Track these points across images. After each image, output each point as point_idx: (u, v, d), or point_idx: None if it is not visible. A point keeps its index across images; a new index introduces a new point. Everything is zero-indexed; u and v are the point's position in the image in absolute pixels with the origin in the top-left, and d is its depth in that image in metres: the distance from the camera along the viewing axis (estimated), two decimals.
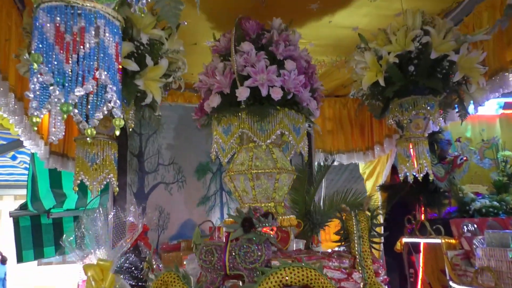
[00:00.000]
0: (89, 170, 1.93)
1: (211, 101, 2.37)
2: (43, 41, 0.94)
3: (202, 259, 1.84)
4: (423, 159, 2.54)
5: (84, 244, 1.86)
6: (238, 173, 2.42)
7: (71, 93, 0.91)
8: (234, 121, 2.37)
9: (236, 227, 1.83)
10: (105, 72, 0.97)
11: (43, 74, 0.92)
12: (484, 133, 4.69)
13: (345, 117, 4.23)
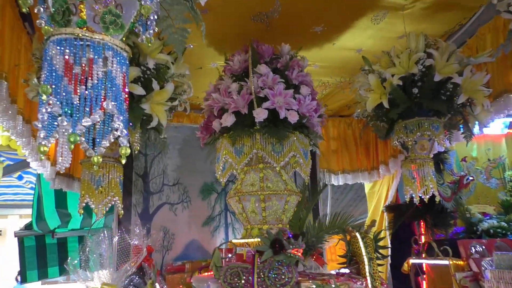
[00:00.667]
0: (94, 192, 1.94)
1: (224, 120, 2.37)
2: (52, 72, 0.96)
3: (227, 282, 1.81)
4: (428, 181, 2.53)
5: (88, 267, 1.86)
6: (249, 194, 2.43)
7: (79, 123, 0.93)
8: (247, 142, 2.40)
9: (265, 249, 1.82)
10: (112, 102, 0.98)
11: (51, 105, 0.94)
12: (490, 152, 4.66)
13: (349, 137, 4.24)
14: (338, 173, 4.15)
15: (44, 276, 4.66)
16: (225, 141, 2.48)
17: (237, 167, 2.42)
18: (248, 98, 2.35)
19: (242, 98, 2.35)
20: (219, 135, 2.57)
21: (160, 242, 3.44)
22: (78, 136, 0.93)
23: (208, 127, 2.60)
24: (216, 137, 2.62)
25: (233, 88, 2.40)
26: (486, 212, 4.12)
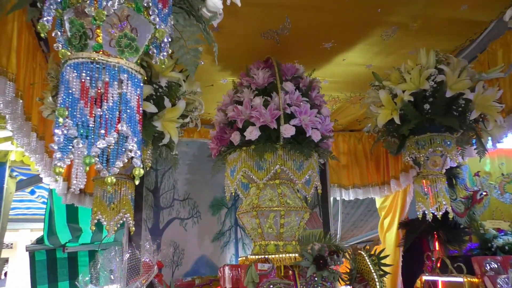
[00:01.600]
0: (106, 209, 1.95)
1: (249, 133, 2.37)
2: (69, 95, 0.97)
3: None
4: (441, 197, 2.50)
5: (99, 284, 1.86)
6: (269, 210, 2.45)
7: (94, 146, 0.94)
8: (269, 157, 2.43)
9: (308, 264, 1.85)
10: (127, 124, 1.00)
11: (67, 127, 0.95)
12: (504, 167, 4.59)
13: (360, 152, 4.21)
14: (349, 188, 4.12)
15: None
16: (244, 155, 2.47)
17: (259, 182, 2.44)
18: (276, 114, 2.39)
19: (270, 113, 2.37)
20: (235, 148, 2.55)
21: (170, 257, 3.43)
22: (93, 158, 0.95)
23: (223, 139, 2.58)
24: (232, 150, 2.59)
25: (257, 102, 2.41)
26: (500, 228, 4.04)
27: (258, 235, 2.55)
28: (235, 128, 2.47)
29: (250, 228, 2.62)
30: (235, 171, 2.52)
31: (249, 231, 2.66)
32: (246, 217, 2.58)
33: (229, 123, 2.59)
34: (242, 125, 2.43)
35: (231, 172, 2.58)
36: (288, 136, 2.37)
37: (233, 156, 2.57)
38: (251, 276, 1.96)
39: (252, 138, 2.38)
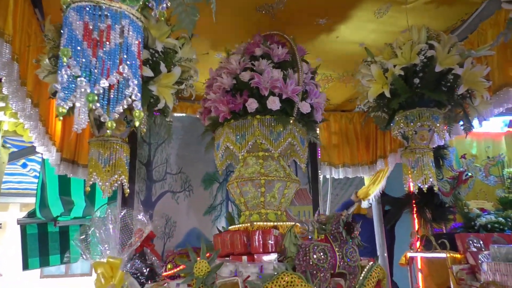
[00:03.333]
0: (101, 171, 1.99)
1: (271, 102, 2.43)
2: (72, 37, 1.01)
3: (317, 258, 1.96)
4: (427, 170, 2.57)
5: (94, 243, 1.90)
6: (250, 180, 2.52)
7: (97, 84, 0.98)
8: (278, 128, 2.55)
9: (341, 230, 2.11)
10: (128, 67, 1.03)
11: (71, 67, 0.99)
12: (490, 150, 4.71)
13: (351, 132, 4.28)
14: (339, 166, 4.20)
15: (45, 263, 4.71)
16: (256, 123, 2.51)
17: (274, 151, 2.53)
18: (297, 89, 2.52)
19: (291, 88, 2.49)
20: (246, 116, 2.55)
21: (162, 229, 3.49)
22: (96, 96, 0.98)
23: (234, 103, 2.50)
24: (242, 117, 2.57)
25: (276, 75, 2.46)
26: (484, 208, 4.17)
27: (243, 205, 2.62)
28: (245, 94, 2.47)
29: (236, 199, 2.68)
30: (246, 136, 2.52)
31: (236, 202, 2.72)
32: (231, 188, 2.64)
33: (237, 89, 2.54)
34: (267, 94, 2.45)
35: (238, 138, 2.56)
36: (304, 112, 2.56)
37: (241, 123, 2.55)
38: (292, 238, 2.06)
39: (273, 108, 2.44)
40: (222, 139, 2.60)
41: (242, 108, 2.49)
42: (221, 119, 2.55)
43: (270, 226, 2.45)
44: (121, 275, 1.78)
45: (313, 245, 1.98)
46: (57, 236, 4.72)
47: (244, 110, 2.50)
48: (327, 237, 2.18)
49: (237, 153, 2.50)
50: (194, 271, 1.91)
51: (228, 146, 2.57)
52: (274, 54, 2.62)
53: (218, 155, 2.67)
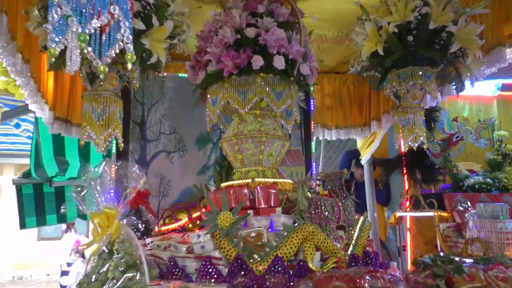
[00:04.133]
0: (95, 125, 2.00)
1: (277, 61, 2.42)
2: None
3: (327, 212, 2.13)
4: (418, 129, 2.61)
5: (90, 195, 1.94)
6: (250, 137, 2.57)
7: (88, 24, 0.98)
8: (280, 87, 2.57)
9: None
10: (119, 8, 1.03)
11: (62, 7, 0.98)
12: (481, 113, 4.76)
13: (344, 94, 4.28)
14: (332, 128, 4.23)
15: (42, 223, 4.79)
16: (259, 80, 2.48)
17: (276, 110, 2.55)
18: (300, 51, 2.53)
19: (295, 48, 2.50)
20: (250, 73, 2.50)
21: (156, 188, 3.54)
22: (87, 36, 0.98)
23: (238, 59, 2.43)
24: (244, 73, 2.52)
25: (280, 35, 2.44)
26: (473, 169, 4.26)
27: (239, 162, 2.66)
28: (248, 51, 2.43)
29: (231, 156, 2.71)
30: (248, 93, 2.50)
31: (231, 159, 2.75)
32: (228, 144, 2.66)
33: (240, 44, 2.48)
34: (275, 52, 2.43)
35: (241, 94, 2.53)
36: (304, 74, 2.60)
37: (244, 80, 2.52)
38: (305, 192, 2.15)
39: (279, 67, 2.43)
40: (220, 95, 2.55)
41: (247, 64, 2.45)
42: (225, 73, 2.46)
43: (270, 183, 2.51)
44: (117, 225, 1.83)
45: (323, 199, 2.12)
46: (53, 197, 4.78)
47: (247, 66, 2.46)
48: (331, 193, 2.33)
49: (239, 110, 2.49)
50: (218, 222, 1.98)
51: (229, 102, 2.53)
52: (278, 13, 2.58)
53: (215, 111, 2.64)
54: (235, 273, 1.85)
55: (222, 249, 1.96)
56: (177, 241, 2.12)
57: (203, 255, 1.98)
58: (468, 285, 1.63)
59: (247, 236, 1.98)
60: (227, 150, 2.77)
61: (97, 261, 1.80)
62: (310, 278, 1.65)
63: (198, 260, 1.99)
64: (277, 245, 1.92)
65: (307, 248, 1.93)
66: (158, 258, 2.12)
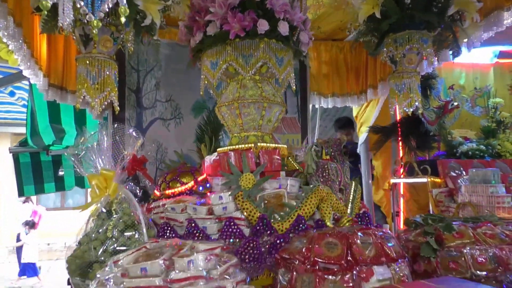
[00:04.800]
0: (90, 88, 1.99)
1: (282, 26, 2.40)
2: None
3: (333, 175, 2.27)
4: (413, 93, 2.62)
5: (87, 157, 1.95)
6: (252, 102, 2.54)
7: None
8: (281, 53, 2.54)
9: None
10: None
11: None
12: (478, 81, 4.75)
13: (341, 61, 4.25)
14: (328, 96, 4.22)
15: (41, 191, 4.83)
16: (263, 45, 2.46)
17: (278, 76, 2.53)
18: (302, 18, 2.51)
19: (298, 15, 2.50)
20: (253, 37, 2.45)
21: (153, 155, 3.56)
22: None
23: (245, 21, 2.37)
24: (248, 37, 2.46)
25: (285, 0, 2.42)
26: (467, 136, 4.30)
27: (237, 127, 2.67)
28: (251, 14, 2.37)
29: (230, 121, 2.72)
30: (252, 57, 2.47)
31: (230, 123, 2.76)
32: (227, 109, 2.66)
33: (244, 7, 2.40)
34: (281, 17, 2.40)
35: (244, 58, 2.49)
36: (303, 42, 2.59)
37: (248, 43, 2.48)
38: (313, 156, 2.24)
39: (283, 33, 2.41)
40: (222, 58, 2.49)
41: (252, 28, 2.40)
42: (231, 35, 2.38)
43: (271, 147, 2.53)
44: (115, 186, 1.86)
45: (329, 163, 2.23)
46: (50, 165, 4.80)
47: (252, 30, 2.40)
48: (332, 158, 2.43)
49: (244, 74, 2.46)
50: (241, 184, 2.06)
51: (232, 66, 2.49)
52: None
53: (216, 75, 2.59)
54: (261, 232, 1.92)
55: (244, 210, 2.02)
56: (194, 202, 2.13)
57: (223, 216, 2.03)
58: (457, 241, 1.68)
59: (269, 197, 2.07)
60: (226, 114, 2.76)
61: (96, 221, 1.85)
62: (304, 236, 1.70)
63: (219, 221, 2.03)
64: (297, 205, 2.02)
65: (325, 208, 2.05)
66: (173, 221, 2.11)
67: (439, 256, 1.68)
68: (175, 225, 2.09)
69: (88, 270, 1.73)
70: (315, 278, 1.47)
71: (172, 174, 2.64)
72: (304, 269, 1.51)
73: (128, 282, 1.33)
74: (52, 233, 11.38)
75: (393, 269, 1.51)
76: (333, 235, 1.58)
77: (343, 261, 1.49)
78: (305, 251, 1.57)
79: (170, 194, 2.39)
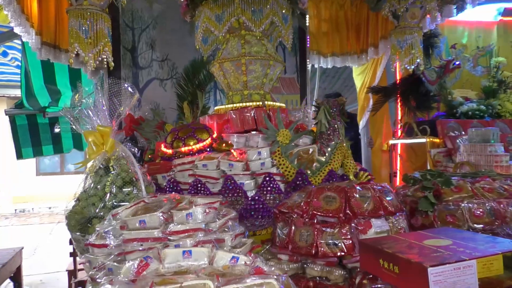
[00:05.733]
0: (83, 42, 1.93)
1: None
2: None
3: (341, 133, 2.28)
4: (415, 49, 2.56)
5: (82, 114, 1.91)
6: (259, 59, 2.50)
7: None
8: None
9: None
10: None
11: None
12: (480, 39, 4.65)
13: (341, 19, 4.13)
14: (327, 55, 4.13)
15: (39, 153, 4.82)
16: (237, 1, 2.39)
17: (256, 30, 2.43)
18: None
19: None
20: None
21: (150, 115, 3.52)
22: None
23: None
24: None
25: None
26: (468, 97, 4.26)
27: (260, 84, 2.59)
28: None
29: (253, 76, 2.62)
30: (260, 13, 2.43)
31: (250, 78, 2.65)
32: (231, 65, 2.58)
33: None
34: None
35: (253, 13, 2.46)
36: None
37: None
38: (326, 115, 2.24)
39: None
40: (230, 10, 2.42)
41: None
42: None
43: (277, 106, 2.50)
44: (112, 142, 1.83)
45: (339, 123, 2.26)
46: (47, 128, 4.76)
47: None
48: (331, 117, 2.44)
49: (253, 29, 2.42)
50: (278, 139, 2.10)
51: (239, 20, 2.44)
52: None
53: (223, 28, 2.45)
54: (300, 187, 1.94)
55: (281, 166, 2.04)
56: (227, 159, 2.07)
57: (259, 172, 2.03)
58: (455, 195, 1.69)
59: (302, 153, 2.12)
60: (228, 71, 2.69)
61: (94, 178, 1.83)
62: (303, 190, 1.70)
63: (254, 177, 2.03)
64: (327, 160, 2.10)
65: (348, 164, 2.16)
66: (206, 178, 2.03)
67: (436, 210, 1.69)
68: (207, 182, 2.03)
69: (88, 225, 1.74)
70: (313, 231, 1.48)
71: (186, 131, 2.47)
72: (303, 222, 1.52)
73: (127, 234, 1.33)
74: (53, 197, 11.50)
75: (391, 222, 1.52)
76: (332, 189, 1.58)
77: (341, 214, 1.49)
78: (303, 205, 1.57)
79: (187, 151, 2.21)
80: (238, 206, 1.90)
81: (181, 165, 2.12)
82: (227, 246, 1.38)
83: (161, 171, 2.08)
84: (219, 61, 2.56)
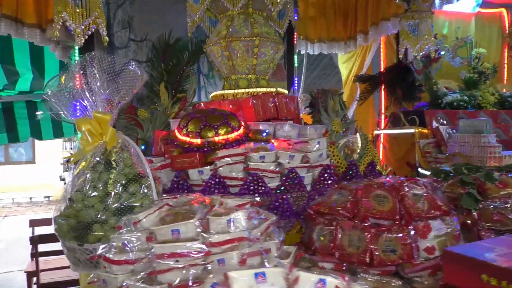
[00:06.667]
0: (74, 11, 1.60)
1: None
2: None
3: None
4: (427, 35, 2.43)
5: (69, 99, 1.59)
6: (267, 40, 2.30)
7: None
8: None
9: None
10: None
11: None
12: (459, 31, 4.67)
13: (329, 3, 3.96)
14: (315, 41, 3.95)
15: None
16: None
17: (232, 8, 2.20)
18: None
19: None
20: None
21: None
22: None
23: None
24: None
25: None
26: (449, 87, 4.26)
27: (249, 68, 2.37)
28: None
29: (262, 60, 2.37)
30: None
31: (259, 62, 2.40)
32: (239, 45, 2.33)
33: None
34: None
35: None
36: None
37: None
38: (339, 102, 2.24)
39: None
40: None
41: None
42: None
43: (285, 93, 2.37)
44: (112, 132, 1.54)
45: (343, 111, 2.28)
46: (1, 114, 4.23)
47: None
48: (326, 107, 2.37)
49: (229, 7, 2.18)
50: (333, 128, 2.12)
51: None
52: None
53: (199, 10, 2.28)
54: (352, 178, 1.90)
55: (334, 157, 2.03)
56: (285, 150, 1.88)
57: (316, 163, 1.90)
58: (501, 192, 1.57)
59: (348, 144, 2.14)
60: (215, 56, 2.45)
61: (91, 175, 1.52)
62: (340, 188, 1.50)
63: (311, 170, 1.89)
64: (363, 152, 2.11)
65: (373, 151, 2.23)
66: (263, 171, 1.77)
67: (480, 207, 1.56)
68: (265, 176, 1.76)
69: (87, 232, 1.44)
70: (366, 235, 1.29)
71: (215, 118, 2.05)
72: (352, 225, 1.33)
73: (159, 248, 1.07)
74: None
75: (447, 223, 1.36)
76: (381, 187, 1.40)
77: (397, 216, 1.31)
78: (349, 206, 1.37)
79: (222, 141, 1.85)
80: (303, 202, 1.68)
81: (230, 157, 1.79)
82: (272, 258, 1.16)
83: (194, 165, 1.76)
84: (226, 39, 2.28)
